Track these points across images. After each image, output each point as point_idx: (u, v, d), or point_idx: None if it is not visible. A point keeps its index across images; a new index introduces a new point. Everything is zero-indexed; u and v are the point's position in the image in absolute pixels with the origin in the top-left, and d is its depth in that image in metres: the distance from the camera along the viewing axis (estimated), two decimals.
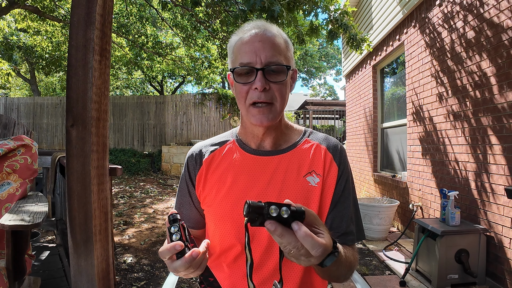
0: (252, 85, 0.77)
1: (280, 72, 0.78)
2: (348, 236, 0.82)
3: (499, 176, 2.37)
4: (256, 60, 0.77)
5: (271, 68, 0.77)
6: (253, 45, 0.77)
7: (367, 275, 2.73)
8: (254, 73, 0.77)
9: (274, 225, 0.51)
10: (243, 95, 0.80)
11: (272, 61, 0.77)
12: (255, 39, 0.78)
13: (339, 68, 25.92)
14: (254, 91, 0.78)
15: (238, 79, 0.80)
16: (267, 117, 0.79)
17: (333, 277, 0.74)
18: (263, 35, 0.79)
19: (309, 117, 11.66)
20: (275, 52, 0.78)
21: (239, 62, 0.78)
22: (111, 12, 1.33)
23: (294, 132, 0.92)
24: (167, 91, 16.41)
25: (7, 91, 16.39)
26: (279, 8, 3.00)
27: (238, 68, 0.78)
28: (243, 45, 0.79)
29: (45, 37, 8.45)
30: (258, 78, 0.76)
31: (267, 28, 0.81)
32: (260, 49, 0.77)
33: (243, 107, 0.81)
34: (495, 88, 2.43)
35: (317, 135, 0.92)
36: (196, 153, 0.92)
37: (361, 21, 5.70)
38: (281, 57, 0.79)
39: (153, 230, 4.07)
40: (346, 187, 0.85)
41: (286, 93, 0.82)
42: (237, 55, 0.80)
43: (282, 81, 0.79)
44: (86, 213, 1.29)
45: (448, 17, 3.04)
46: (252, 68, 0.77)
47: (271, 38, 0.79)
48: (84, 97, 1.27)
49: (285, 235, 0.51)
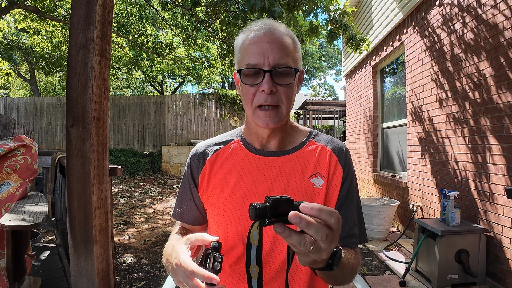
0: (259, 87, 0.76)
1: (288, 74, 0.77)
2: (351, 239, 0.82)
3: (499, 176, 2.37)
4: (263, 62, 0.75)
5: (278, 71, 0.76)
6: (261, 46, 0.76)
7: (367, 275, 2.73)
8: (262, 75, 0.76)
9: (282, 227, 0.50)
10: (249, 96, 0.79)
11: (280, 63, 0.76)
12: (263, 40, 0.77)
13: (339, 68, 25.92)
14: (261, 93, 0.77)
15: (245, 80, 0.78)
16: (273, 120, 0.78)
17: (338, 281, 0.74)
18: (271, 36, 0.77)
19: (309, 117, 11.66)
20: (283, 54, 0.76)
21: (247, 63, 0.77)
22: (111, 12, 1.33)
23: (300, 133, 0.91)
24: (167, 91, 16.41)
25: (7, 91, 16.39)
26: (279, 9, 3.00)
27: (245, 69, 0.77)
28: (250, 45, 0.78)
29: (45, 37, 8.45)
30: (266, 80, 0.75)
31: (275, 28, 0.79)
32: (268, 51, 0.75)
33: (249, 108, 0.80)
34: (495, 88, 2.43)
35: (323, 136, 0.91)
36: (200, 152, 0.91)
37: (361, 21, 5.70)
38: (289, 59, 0.78)
39: (153, 230, 4.07)
40: (351, 190, 0.85)
41: (293, 95, 0.81)
42: (244, 55, 0.79)
43: (290, 83, 0.78)
44: (86, 213, 1.29)
45: (448, 17, 3.04)
46: (259, 70, 0.76)
47: (279, 39, 0.77)
48: (84, 97, 1.27)
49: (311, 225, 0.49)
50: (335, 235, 0.52)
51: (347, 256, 0.70)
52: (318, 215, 0.49)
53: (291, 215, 0.48)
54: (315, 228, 0.49)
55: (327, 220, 0.50)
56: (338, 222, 0.51)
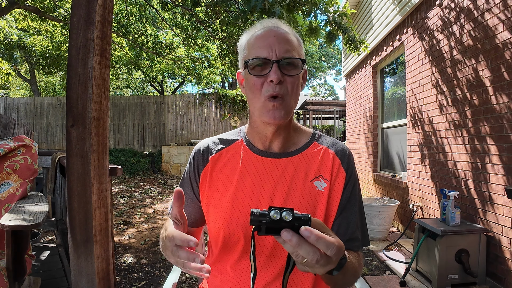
0: (267, 77, 0.77)
1: (296, 65, 0.79)
2: (354, 242, 0.82)
3: (499, 176, 2.37)
4: (271, 54, 0.77)
5: (286, 61, 0.78)
6: (267, 40, 0.78)
7: (367, 275, 2.73)
8: (269, 65, 0.77)
9: (290, 234, 0.49)
10: (258, 87, 0.79)
11: (287, 55, 0.78)
12: (270, 34, 0.79)
13: (339, 68, 25.91)
14: (269, 84, 0.77)
15: (253, 72, 0.79)
16: (280, 113, 0.78)
17: (338, 284, 0.74)
18: (277, 31, 0.80)
19: (309, 117, 11.65)
20: (289, 47, 0.79)
21: (254, 55, 0.79)
22: (111, 12, 1.33)
23: (303, 135, 0.91)
24: (167, 91, 16.41)
25: (7, 91, 16.39)
26: (279, 10, 3.00)
27: (253, 60, 0.78)
28: (257, 39, 0.80)
29: (45, 37, 8.45)
30: (274, 70, 0.76)
31: (280, 25, 0.83)
32: (275, 43, 0.78)
33: (258, 101, 0.80)
34: (496, 88, 2.43)
35: (326, 139, 0.91)
36: (204, 149, 0.91)
37: (361, 21, 5.70)
38: (295, 52, 0.80)
39: (153, 230, 4.07)
40: (353, 193, 0.84)
41: (298, 89, 0.82)
42: (251, 50, 0.80)
43: (297, 74, 0.80)
44: (86, 213, 1.29)
45: (448, 17, 3.04)
46: (267, 60, 0.77)
47: (284, 34, 0.80)
48: (84, 97, 1.27)
49: (302, 244, 0.49)
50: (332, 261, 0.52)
51: (351, 260, 0.70)
52: (315, 244, 0.50)
53: (283, 233, 0.49)
54: (305, 250, 0.50)
55: (324, 250, 0.50)
56: (337, 253, 0.51)
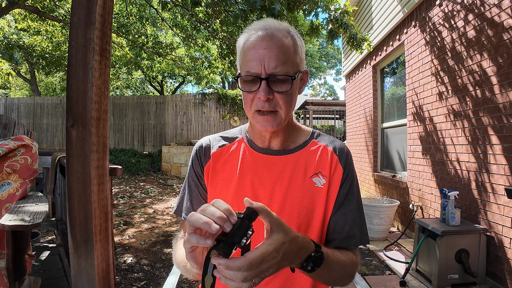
0: (256, 93, 0.77)
1: (285, 81, 0.77)
2: (350, 240, 0.82)
3: (500, 176, 2.37)
4: (260, 70, 0.76)
5: (275, 78, 0.76)
6: (258, 53, 0.76)
7: (367, 275, 2.73)
8: (258, 82, 0.76)
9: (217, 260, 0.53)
10: (248, 102, 0.80)
11: (276, 71, 0.75)
12: (261, 46, 0.76)
13: (339, 68, 25.91)
14: (258, 99, 0.78)
15: (243, 87, 0.80)
16: (272, 125, 0.79)
17: (327, 280, 0.75)
18: (269, 41, 0.76)
19: (309, 117, 11.65)
20: (281, 61, 0.76)
21: (245, 70, 0.78)
22: (111, 12, 1.33)
23: (302, 133, 0.92)
24: (167, 91, 16.42)
25: (7, 91, 16.39)
26: (279, 7, 3.00)
27: (243, 76, 0.79)
28: (249, 50, 0.78)
29: (45, 37, 8.45)
30: (262, 88, 0.76)
31: (274, 31, 0.77)
32: (265, 57, 0.75)
33: (249, 112, 0.82)
34: (496, 87, 2.43)
35: (325, 137, 0.93)
36: (206, 145, 0.92)
37: (361, 20, 5.70)
38: (287, 65, 0.76)
39: (153, 230, 4.07)
40: (350, 190, 0.85)
41: (292, 99, 0.81)
42: (244, 60, 0.80)
43: (287, 91, 0.78)
44: (86, 213, 1.29)
45: (448, 17, 3.04)
46: (256, 78, 0.77)
47: (278, 44, 0.76)
48: (84, 97, 1.27)
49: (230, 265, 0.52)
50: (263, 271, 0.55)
51: (335, 256, 0.72)
52: (224, 274, 0.53)
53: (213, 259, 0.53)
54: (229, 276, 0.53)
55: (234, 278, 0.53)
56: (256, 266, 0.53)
